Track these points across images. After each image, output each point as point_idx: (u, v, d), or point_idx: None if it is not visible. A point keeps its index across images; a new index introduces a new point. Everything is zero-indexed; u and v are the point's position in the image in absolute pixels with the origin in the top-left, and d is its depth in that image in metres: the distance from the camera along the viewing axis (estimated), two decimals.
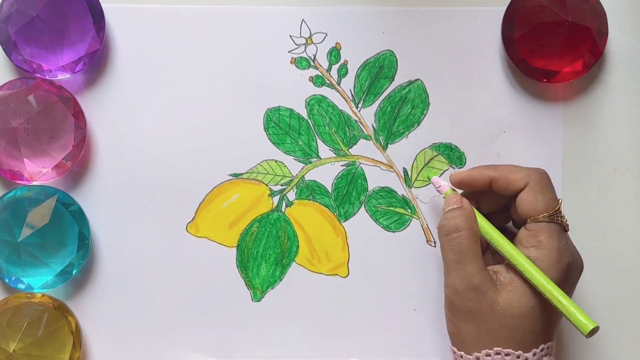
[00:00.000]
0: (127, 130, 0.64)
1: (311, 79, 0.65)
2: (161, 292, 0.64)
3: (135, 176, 0.64)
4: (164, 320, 0.64)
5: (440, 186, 0.61)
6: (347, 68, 0.65)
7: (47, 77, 0.62)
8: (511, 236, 0.59)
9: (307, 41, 0.65)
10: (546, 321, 0.56)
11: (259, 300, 0.65)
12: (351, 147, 0.65)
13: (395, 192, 0.65)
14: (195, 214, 0.64)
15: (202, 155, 0.64)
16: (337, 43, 0.65)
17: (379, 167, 0.65)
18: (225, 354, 0.64)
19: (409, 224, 0.65)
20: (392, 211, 0.65)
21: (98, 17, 0.62)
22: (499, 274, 0.56)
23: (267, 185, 0.65)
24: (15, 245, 0.61)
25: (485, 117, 0.64)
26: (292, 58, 0.65)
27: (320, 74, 0.65)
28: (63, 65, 0.62)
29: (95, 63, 0.64)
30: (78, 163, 0.63)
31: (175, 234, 0.64)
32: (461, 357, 0.56)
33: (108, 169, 0.64)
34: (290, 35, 0.65)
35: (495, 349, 0.55)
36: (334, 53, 0.65)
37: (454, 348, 0.57)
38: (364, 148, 0.65)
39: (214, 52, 0.64)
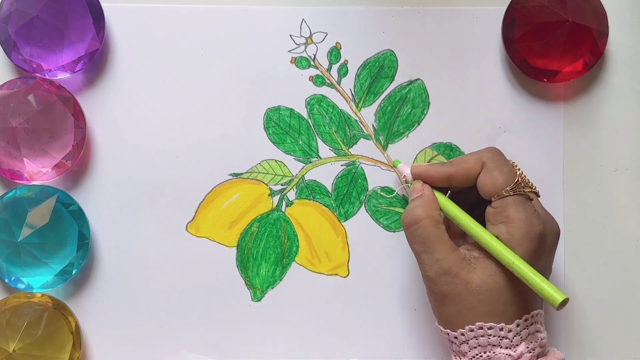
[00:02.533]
0: (127, 130, 0.64)
1: (311, 78, 0.65)
2: (161, 292, 0.64)
3: (135, 176, 0.64)
4: (164, 320, 0.64)
5: (405, 175, 0.62)
6: (347, 68, 0.65)
7: (47, 77, 0.62)
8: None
9: (307, 41, 0.65)
10: (526, 292, 0.55)
11: (259, 300, 0.65)
12: (351, 146, 0.65)
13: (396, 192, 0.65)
14: (195, 213, 0.64)
15: (202, 155, 0.64)
16: (337, 43, 0.65)
17: (379, 166, 0.65)
18: (225, 354, 0.64)
19: None
20: (392, 211, 0.65)
21: (98, 17, 0.62)
22: (474, 252, 0.57)
23: (267, 185, 0.65)
24: (15, 245, 0.61)
25: (486, 117, 0.64)
26: (292, 58, 0.65)
27: (320, 74, 0.65)
28: (63, 64, 0.62)
29: (95, 63, 0.64)
30: (78, 163, 0.63)
31: (175, 234, 0.64)
32: (447, 334, 0.57)
33: (108, 169, 0.64)
34: (290, 35, 0.64)
35: (477, 323, 0.55)
36: (334, 53, 0.65)
37: (440, 327, 0.57)
38: (364, 148, 0.65)
39: (213, 52, 0.64)
